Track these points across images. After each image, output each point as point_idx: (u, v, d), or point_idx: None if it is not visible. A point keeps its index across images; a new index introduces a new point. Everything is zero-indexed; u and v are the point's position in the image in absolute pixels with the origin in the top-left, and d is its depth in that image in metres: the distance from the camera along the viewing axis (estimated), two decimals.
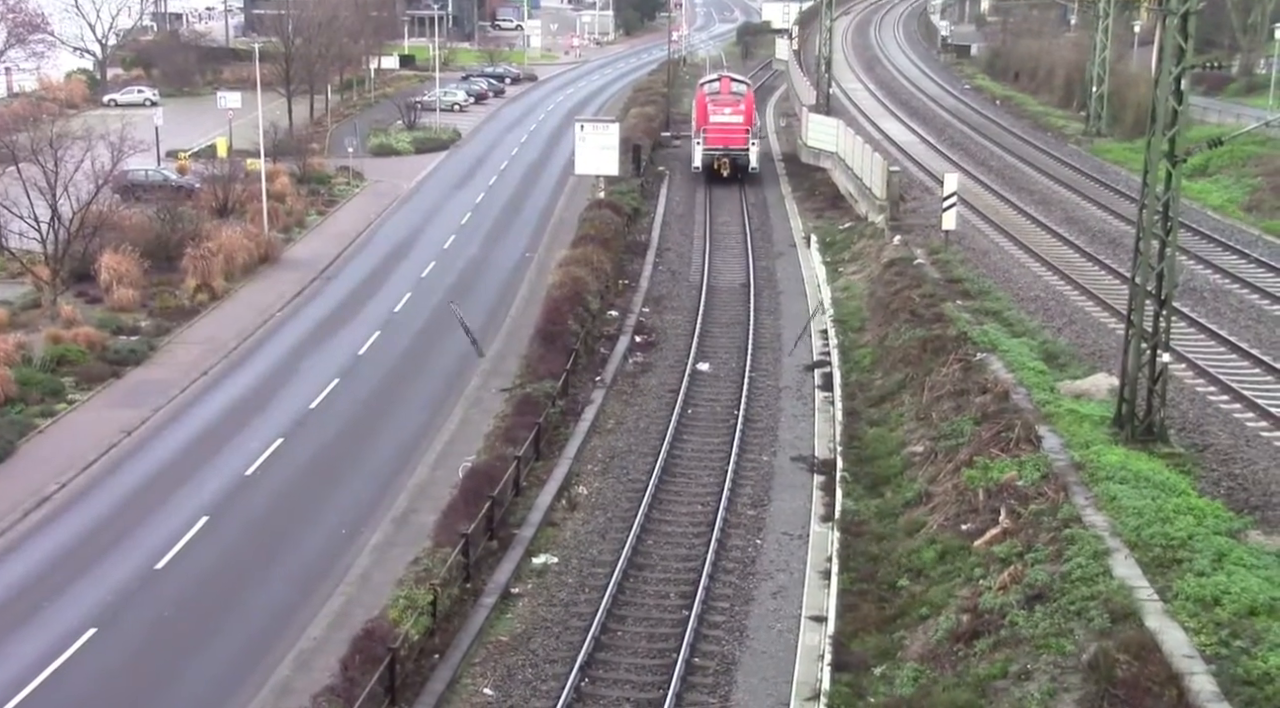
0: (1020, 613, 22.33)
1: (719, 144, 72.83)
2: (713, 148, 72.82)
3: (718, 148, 72.75)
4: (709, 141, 72.99)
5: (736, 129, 73.26)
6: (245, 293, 51.28)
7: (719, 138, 72.93)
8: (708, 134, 73.17)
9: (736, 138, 73.22)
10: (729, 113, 72.67)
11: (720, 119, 72.79)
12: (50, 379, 39.66)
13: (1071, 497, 25.45)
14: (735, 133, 73.20)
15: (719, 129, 73.07)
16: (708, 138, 73.13)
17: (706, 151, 72.92)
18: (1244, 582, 20.86)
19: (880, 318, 43.98)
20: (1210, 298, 43.28)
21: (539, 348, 41.32)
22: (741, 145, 73.06)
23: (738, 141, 73.09)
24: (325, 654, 24.55)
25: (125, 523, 30.77)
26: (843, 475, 32.09)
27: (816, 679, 23.58)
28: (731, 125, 72.97)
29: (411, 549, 28.70)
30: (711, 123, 73.07)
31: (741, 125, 73.18)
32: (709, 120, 73.13)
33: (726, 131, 72.98)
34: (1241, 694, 18.00)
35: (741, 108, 73.47)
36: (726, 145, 72.77)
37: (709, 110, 73.03)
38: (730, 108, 72.86)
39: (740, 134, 73.17)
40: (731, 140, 73.01)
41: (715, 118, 72.79)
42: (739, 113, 73.12)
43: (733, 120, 72.86)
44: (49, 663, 24.65)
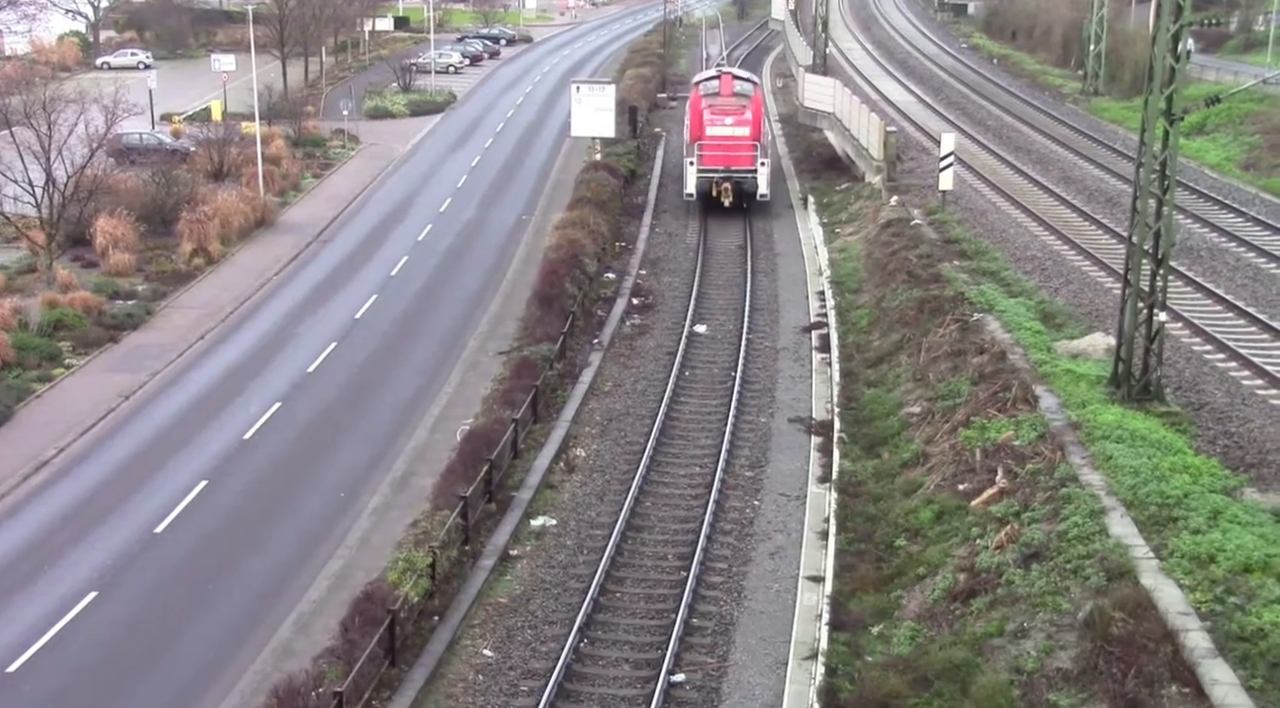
0: (1017, 572, 22.44)
1: (718, 164, 56.55)
2: (710, 169, 56.51)
3: (717, 169, 56.54)
4: (705, 160, 56.53)
5: (741, 145, 56.72)
6: (241, 257, 51.18)
7: (718, 156, 56.59)
8: (704, 150, 56.66)
9: (741, 155, 56.65)
10: (731, 123, 56.88)
11: (720, 132, 56.76)
12: (47, 344, 39.64)
13: (1068, 456, 25.52)
14: (739, 149, 56.62)
15: (718, 144, 56.67)
16: (704, 155, 56.58)
17: (702, 173, 56.30)
18: (1239, 539, 20.95)
19: (877, 279, 43.96)
20: (1207, 257, 43.25)
21: (536, 311, 41.29)
22: (747, 165, 56.44)
23: (742, 160, 56.56)
24: (325, 617, 24.67)
25: (124, 487, 30.83)
26: (840, 437, 32.15)
27: (814, 639, 23.70)
28: (734, 140, 56.65)
29: (410, 512, 28.79)
30: (708, 136, 56.86)
31: (747, 139, 56.86)
32: (705, 133, 57.07)
33: (728, 147, 56.60)
34: (1236, 650, 18.11)
35: (747, 116, 57.57)
36: (728, 165, 56.44)
37: (705, 119, 57.49)
38: (733, 117, 57.23)
39: (746, 151, 56.64)
40: (735, 159, 56.59)
41: (714, 130, 56.89)
42: (744, 123, 57.20)
43: (736, 133, 56.71)
44: (50, 626, 24.75)
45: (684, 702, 22.56)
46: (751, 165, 56.47)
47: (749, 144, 56.82)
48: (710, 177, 56.44)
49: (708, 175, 56.51)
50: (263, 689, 21.75)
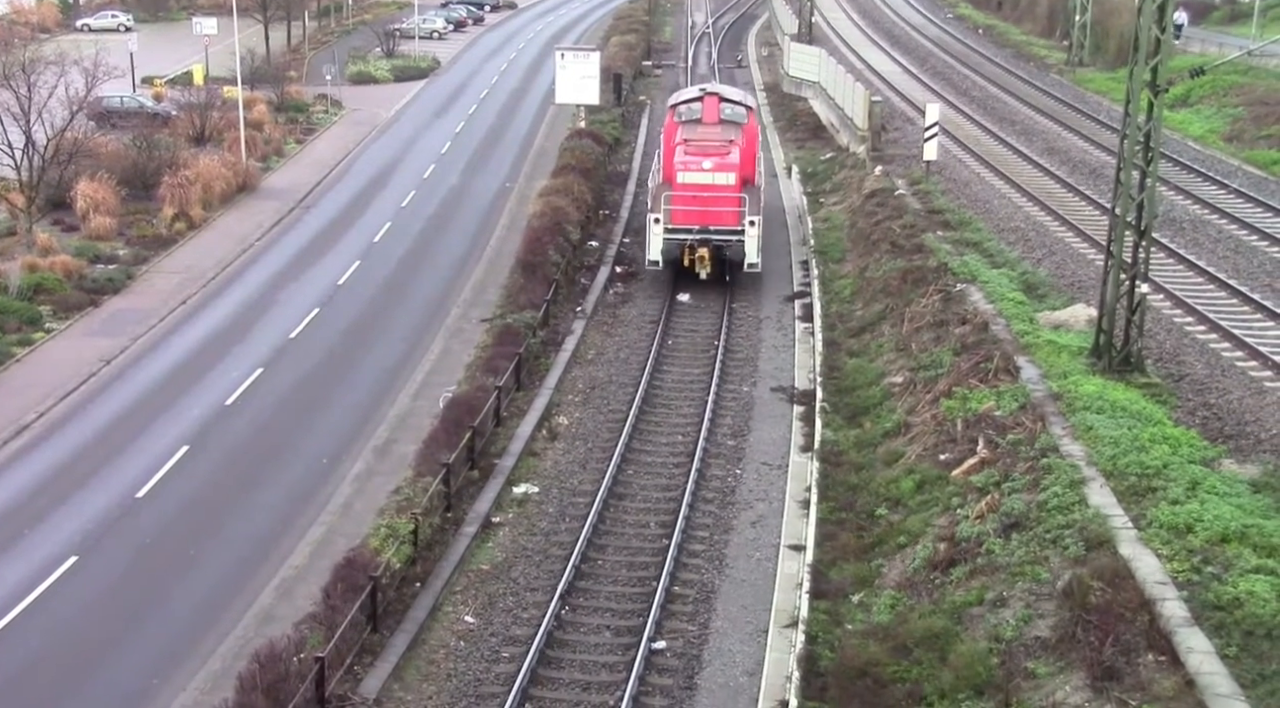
0: (996, 541, 22.57)
1: (692, 222, 41.35)
2: (681, 229, 41.30)
3: (689, 228, 41.30)
4: (675, 216, 41.29)
5: (723, 197, 41.50)
6: (223, 222, 50.94)
7: (692, 211, 41.36)
8: (673, 202, 41.40)
9: (723, 211, 41.41)
10: (711, 167, 41.70)
11: (695, 178, 41.49)
12: (27, 308, 39.44)
13: (1049, 426, 25.64)
14: (721, 203, 41.45)
15: (693, 196, 41.41)
16: (672, 210, 41.33)
17: (670, 235, 41.38)
18: (1216, 510, 21.10)
19: (861, 249, 44.00)
20: (1190, 228, 43.38)
21: (520, 278, 41.23)
22: (731, 224, 41.34)
23: (725, 217, 41.39)
24: (307, 583, 24.69)
25: (105, 452, 30.76)
26: (822, 406, 32.22)
27: (795, 607, 23.82)
28: (715, 190, 41.54)
29: (392, 479, 28.79)
30: (680, 184, 41.55)
31: (733, 190, 41.48)
32: (676, 177, 41.89)
33: (705, 201, 41.38)
34: (1212, 619, 18.27)
35: (733, 156, 42.37)
36: (705, 224, 41.32)
37: (677, 160, 42.38)
38: (715, 157, 42.12)
39: (729, 204, 41.36)
40: (714, 215, 41.41)
41: (688, 176, 41.58)
42: (728, 167, 41.87)
43: (718, 181, 41.54)
44: (31, 591, 24.71)
45: (665, 669, 22.67)
46: (736, 224, 40.89)
47: (734, 197, 41.08)
48: (680, 239, 41.22)
49: (677, 237, 41.06)
50: (244, 654, 21.78)
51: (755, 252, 41.63)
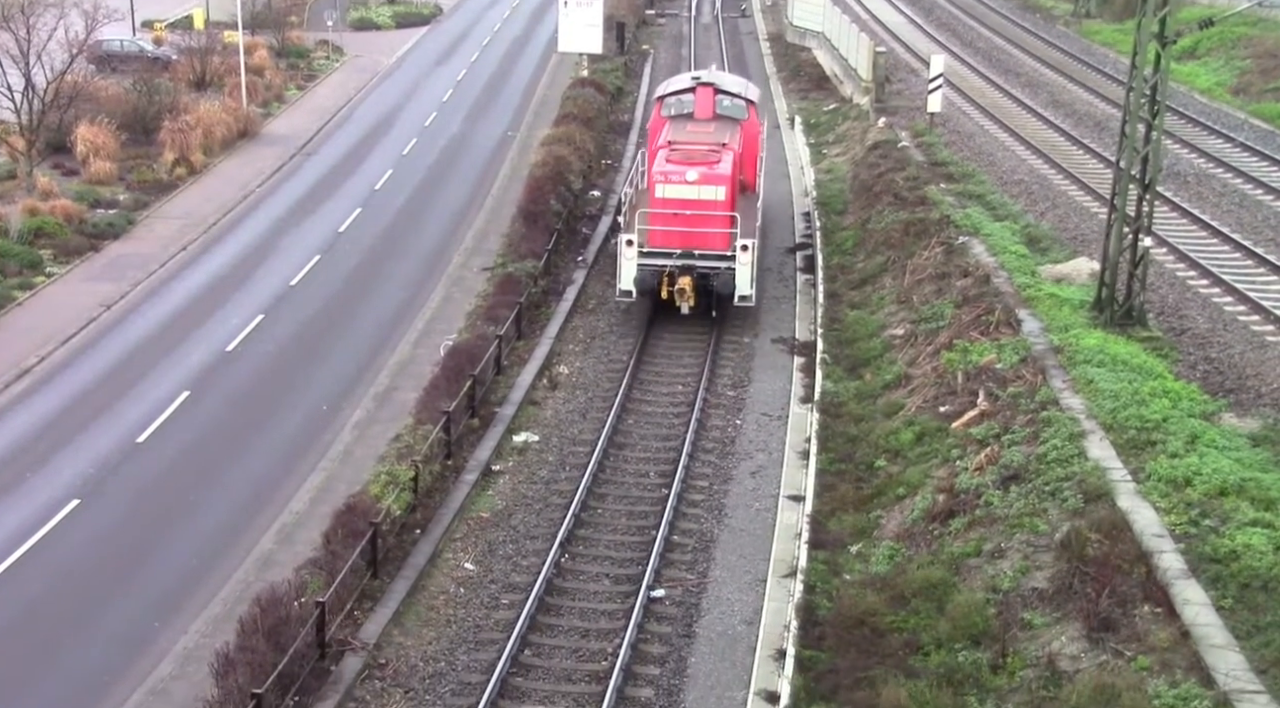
0: (995, 493, 22.64)
1: (671, 244, 34.31)
2: (658, 252, 34.31)
3: (669, 252, 34.26)
4: (651, 237, 34.37)
5: (711, 215, 34.23)
6: (224, 168, 50.75)
7: (672, 232, 34.34)
8: (650, 220, 34.54)
9: (710, 232, 34.31)
10: (696, 178, 34.27)
11: (677, 192, 34.26)
12: (28, 252, 39.36)
13: (1049, 380, 25.65)
14: (708, 222, 34.27)
15: (673, 213, 34.32)
16: (650, 228, 34.45)
17: (645, 260, 34.31)
18: (1215, 463, 21.15)
19: (863, 201, 43.83)
20: (1194, 182, 43.22)
21: (521, 227, 41.10)
22: (719, 247, 34.28)
23: (712, 240, 34.32)
24: (307, 528, 24.79)
25: (106, 396, 30.79)
26: (823, 357, 32.23)
27: (793, 557, 23.92)
28: (700, 206, 34.25)
29: (393, 426, 28.84)
30: (658, 198, 34.53)
31: (723, 205, 34.32)
32: (655, 190, 34.86)
33: (688, 219, 34.27)
34: (1208, 572, 18.35)
35: (724, 166, 35.05)
36: (688, 246, 34.25)
37: (657, 169, 35.26)
38: (703, 165, 34.77)
39: (718, 224, 34.27)
40: (699, 237, 34.31)
41: (667, 189, 34.35)
42: (717, 178, 34.53)
43: (704, 196, 34.21)
44: (33, 533, 24.81)
45: (663, 617, 22.80)
46: (726, 248, 33.77)
47: (724, 217, 33.95)
48: (658, 265, 34.00)
49: (653, 263, 33.92)
50: (245, 598, 21.89)
51: (748, 282, 33.92)
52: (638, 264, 34.41)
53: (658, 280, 34.44)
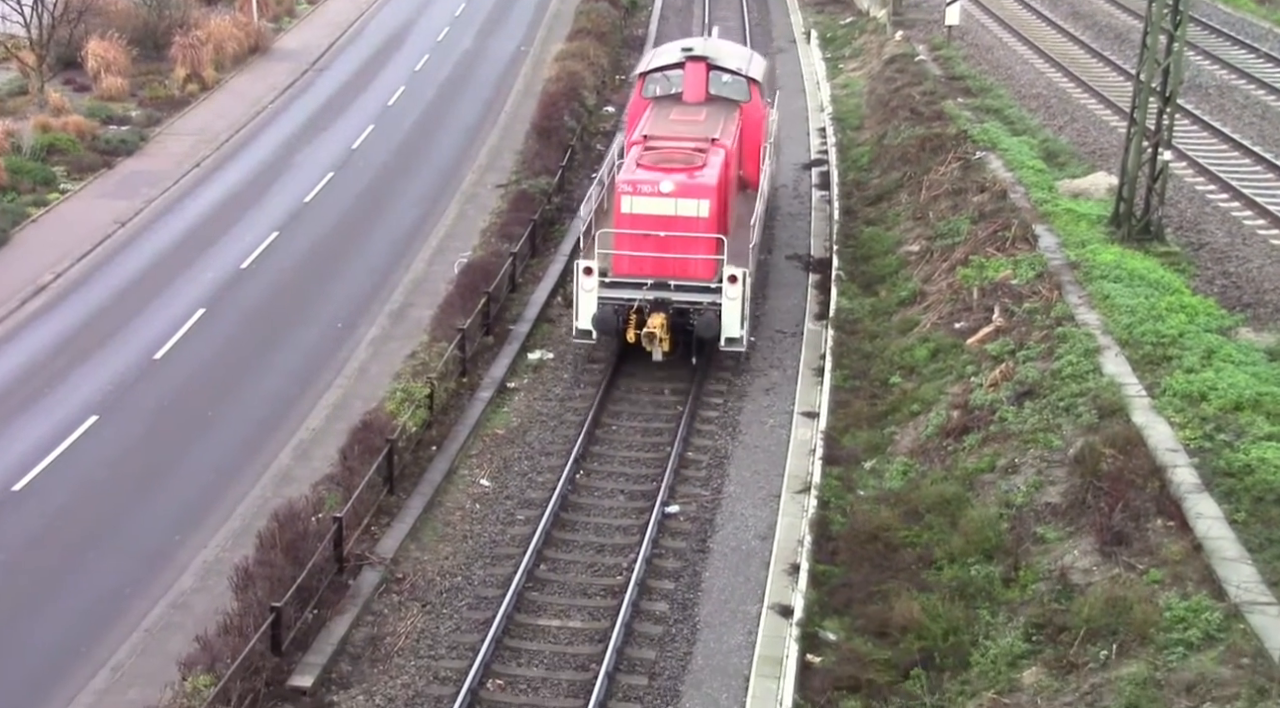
0: (1010, 409, 22.64)
1: (641, 272, 27.53)
2: (625, 282, 27.52)
3: (640, 282, 27.44)
4: (617, 262, 27.67)
5: (692, 235, 27.35)
6: (236, 84, 50.42)
7: (642, 256, 27.48)
8: (615, 243, 27.65)
9: (690, 257, 27.49)
10: (673, 189, 27.14)
11: (648, 206, 27.22)
12: (41, 168, 39.29)
13: (1065, 295, 25.54)
14: (688, 243, 27.42)
15: (644, 233, 27.36)
16: (614, 252, 27.67)
17: (609, 289, 27.54)
18: (1231, 378, 21.09)
19: (880, 116, 43.43)
20: (1215, 94, 42.70)
21: (535, 144, 40.87)
22: (702, 276, 27.48)
23: (692, 266, 27.51)
24: (324, 445, 24.94)
25: (122, 313, 30.87)
26: (838, 274, 32.11)
27: (807, 473, 24.01)
28: (679, 224, 27.29)
29: (408, 343, 28.89)
30: (626, 215, 27.41)
31: (706, 223, 27.26)
32: (621, 204, 27.48)
33: (663, 240, 27.32)
34: (1222, 486, 18.37)
35: (708, 172, 27.66)
36: (661, 274, 27.43)
37: (623, 176, 27.84)
38: (682, 171, 27.50)
39: (700, 246, 27.45)
40: (675, 264, 27.50)
41: (637, 200, 27.24)
42: (699, 187, 27.28)
43: (683, 209, 27.20)
44: (53, 448, 25.01)
45: (678, 532, 22.95)
46: (709, 277, 27.15)
47: (708, 239, 27.17)
48: (624, 299, 27.30)
49: (618, 297, 27.31)
50: (263, 513, 22.09)
51: (738, 322, 26.82)
52: (598, 297, 27.10)
53: (623, 318, 27.11)
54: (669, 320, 27.25)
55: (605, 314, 27.38)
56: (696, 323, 27.28)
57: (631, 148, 29.43)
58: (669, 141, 29.03)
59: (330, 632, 19.91)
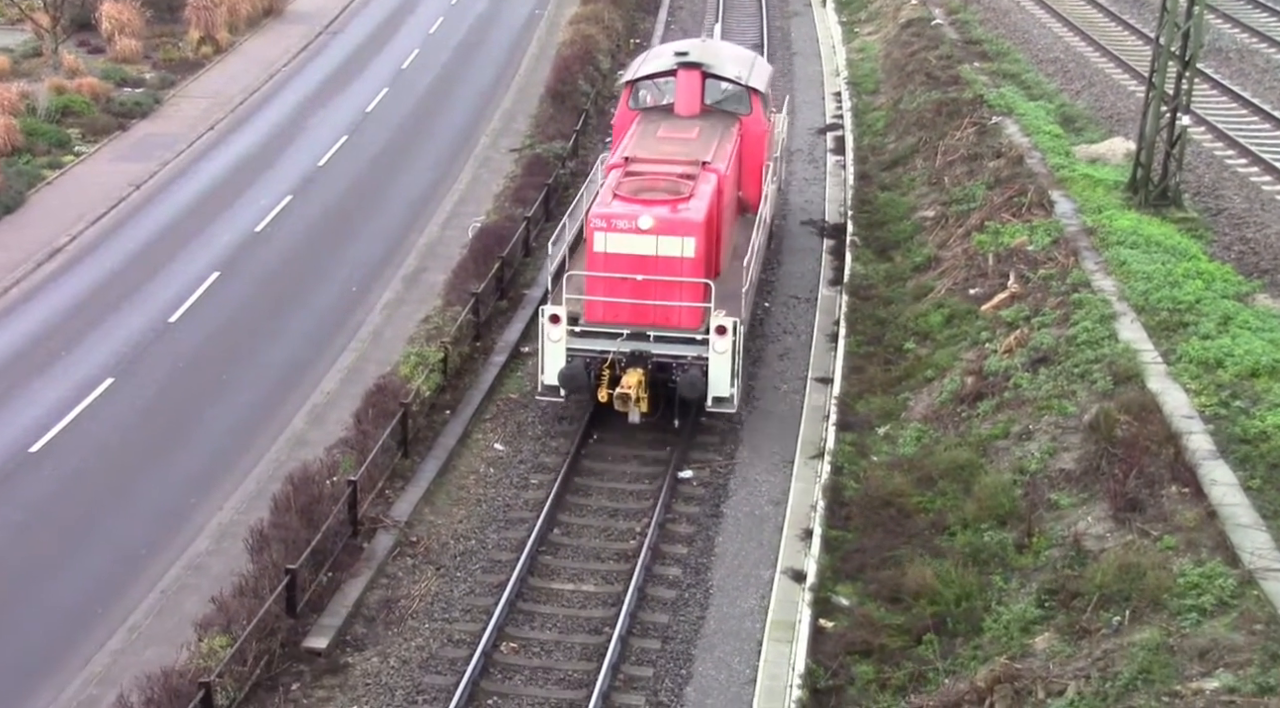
0: (1024, 376, 22.60)
1: (617, 320, 23.83)
2: (597, 331, 23.85)
3: (615, 331, 23.79)
4: (589, 309, 23.91)
5: (675, 280, 23.53)
6: (250, 46, 50.30)
7: (617, 303, 23.72)
8: (587, 287, 23.93)
9: (672, 304, 23.71)
10: (651, 225, 23.28)
11: (623, 245, 23.44)
12: (56, 130, 39.28)
13: (1081, 261, 25.44)
14: (670, 287, 23.57)
15: (617, 278, 23.59)
16: (586, 298, 23.86)
17: (579, 339, 23.87)
18: (1248, 344, 21.00)
19: (895, 80, 43.18)
20: (1236, 58, 42.35)
21: (549, 108, 40.74)
22: (686, 324, 23.74)
23: (674, 314, 23.75)
24: (338, 408, 25.00)
25: (137, 277, 30.92)
26: (853, 240, 32.01)
27: (821, 438, 24.01)
28: (659, 265, 23.45)
29: (422, 308, 28.91)
30: (599, 254, 23.62)
31: (691, 264, 23.50)
32: (594, 241, 23.62)
33: (641, 285, 23.52)
34: (1237, 452, 18.33)
35: (695, 205, 23.85)
36: (639, 322, 23.74)
37: (596, 210, 23.90)
38: (664, 205, 23.65)
39: (686, 292, 23.68)
40: (654, 311, 23.75)
41: (611, 237, 23.45)
42: (684, 224, 23.46)
43: (666, 249, 23.39)
44: (69, 410, 25.12)
45: (691, 497, 22.99)
46: (695, 326, 23.72)
47: (693, 284, 23.60)
48: (595, 352, 23.85)
49: (589, 348, 23.86)
50: (278, 476, 22.18)
51: (729, 379, 23.42)
52: (566, 349, 23.70)
53: (595, 373, 23.58)
54: (648, 376, 23.67)
55: (574, 369, 23.58)
56: (679, 380, 23.58)
57: (610, 172, 25.91)
58: (653, 165, 25.40)
59: (345, 594, 20.03)
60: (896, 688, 17.10)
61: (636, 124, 28.49)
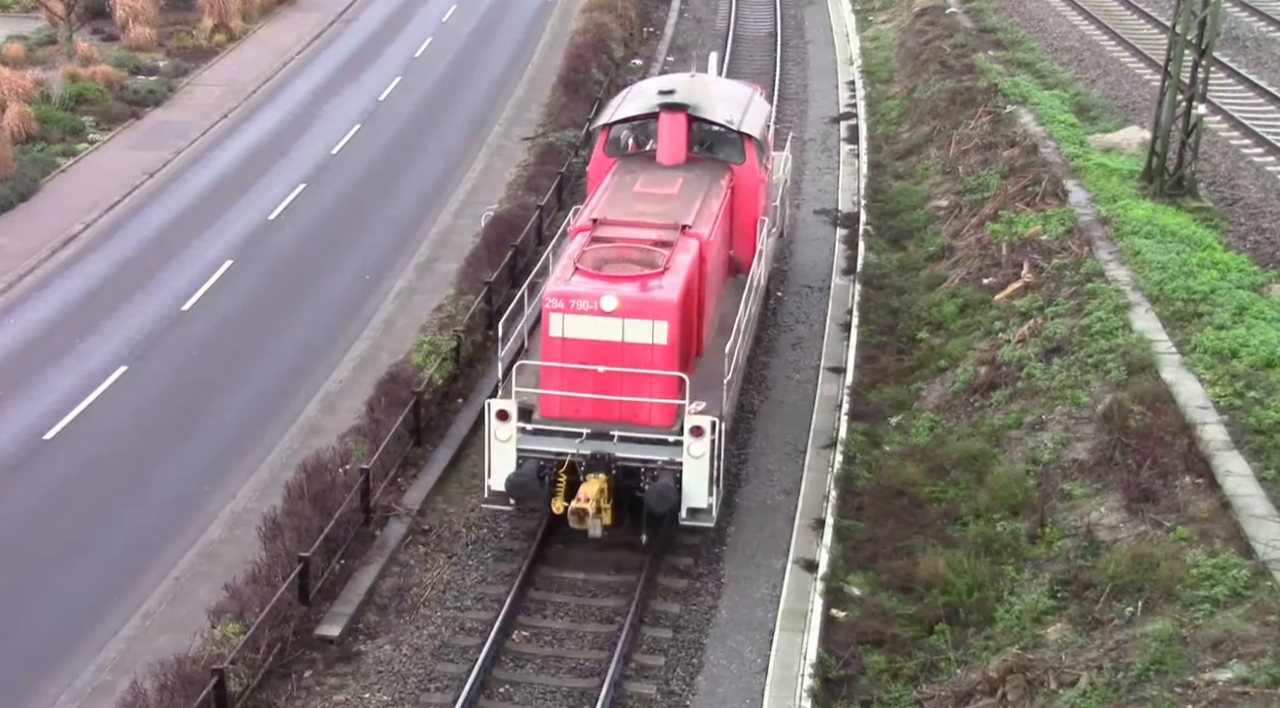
0: (1038, 365, 22.54)
1: (577, 415, 20.15)
2: (553, 429, 20.15)
3: (574, 429, 20.06)
4: (545, 404, 20.28)
5: (644, 372, 19.85)
6: (264, 34, 50.31)
7: (578, 398, 20.07)
8: (542, 378, 20.44)
9: (640, 400, 19.99)
10: (615, 306, 19.66)
11: (584, 329, 19.83)
12: (70, 118, 39.33)
13: (1095, 251, 25.37)
14: (637, 380, 19.90)
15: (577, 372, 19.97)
16: (542, 392, 20.31)
17: (533, 437, 20.13)
18: (1263, 335, 20.91)
19: (909, 69, 43.06)
20: (1253, 47, 42.14)
21: (562, 96, 40.70)
22: (657, 422, 20.01)
23: (644, 411, 20.04)
24: (351, 396, 25.02)
25: (151, 264, 30.98)
26: (866, 229, 31.95)
27: (833, 428, 23.99)
28: (625, 353, 19.84)
29: (434, 296, 28.92)
30: (555, 338, 20.01)
31: (662, 353, 19.82)
32: (550, 324, 20.01)
33: (602, 379, 19.89)
34: (1251, 443, 18.26)
35: (667, 283, 20.22)
36: (601, 418, 20.02)
37: (554, 287, 20.38)
38: (632, 281, 20.18)
39: (656, 386, 19.94)
40: (620, 407, 20.05)
41: (568, 322, 19.89)
42: (654, 305, 19.85)
43: (633, 335, 19.75)
44: (83, 397, 25.18)
45: None
46: (667, 423, 20.15)
47: (664, 377, 19.99)
48: (551, 453, 20.17)
49: (544, 449, 20.20)
50: (291, 464, 22.22)
51: (706, 488, 19.79)
52: (517, 449, 20.07)
53: (550, 478, 19.95)
54: (611, 483, 19.82)
55: (525, 475, 19.78)
56: (648, 490, 19.72)
57: (575, 236, 22.27)
58: (624, 229, 21.96)
59: (357, 582, 20.08)
60: (908, 678, 17.10)
61: (611, 175, 24.65)
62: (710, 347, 22.21)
